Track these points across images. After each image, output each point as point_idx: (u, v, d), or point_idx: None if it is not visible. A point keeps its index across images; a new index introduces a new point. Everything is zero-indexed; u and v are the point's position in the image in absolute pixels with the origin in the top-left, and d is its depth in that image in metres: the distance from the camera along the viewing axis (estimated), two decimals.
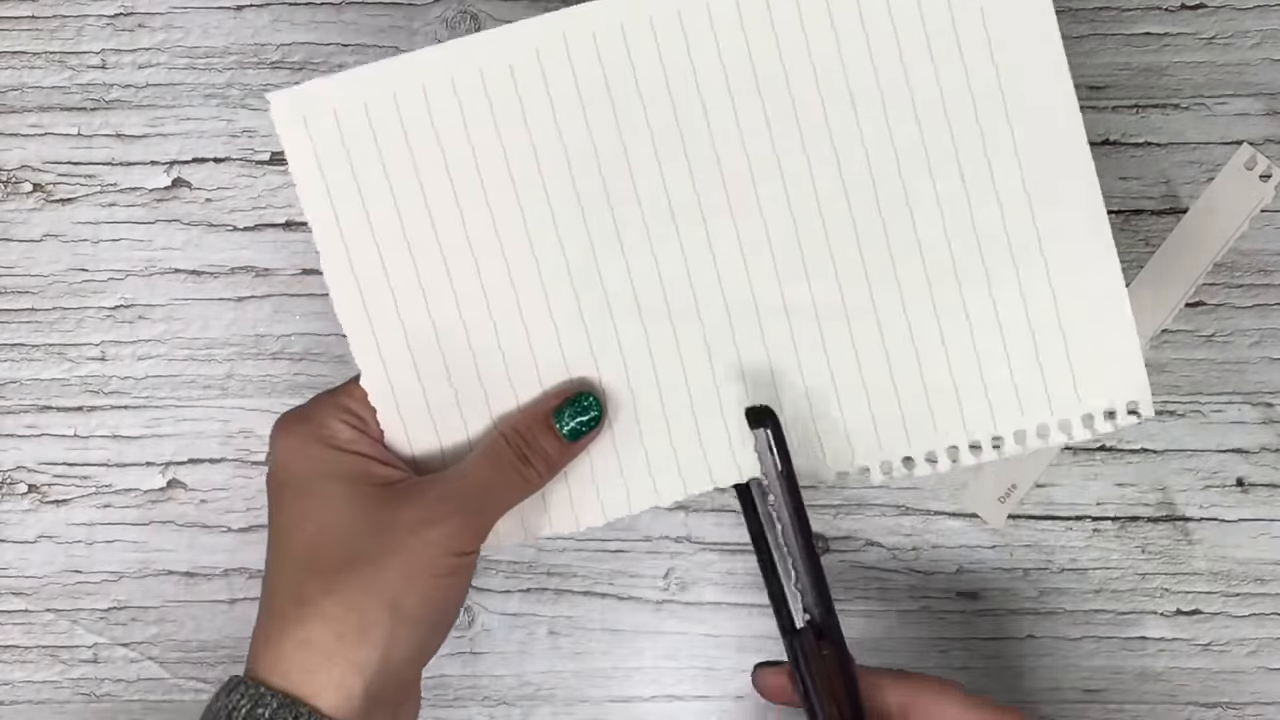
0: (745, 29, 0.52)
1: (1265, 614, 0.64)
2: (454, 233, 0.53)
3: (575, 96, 0.52)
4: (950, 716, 0.52)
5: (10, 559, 0.65)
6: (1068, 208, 0.53)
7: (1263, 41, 0.64)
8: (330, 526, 0.50)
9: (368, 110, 0.52)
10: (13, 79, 0.65)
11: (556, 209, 0.53)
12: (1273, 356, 0.64)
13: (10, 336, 0.65)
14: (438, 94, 0.52)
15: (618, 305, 0.53)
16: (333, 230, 0.52)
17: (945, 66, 0.52)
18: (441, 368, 0.53)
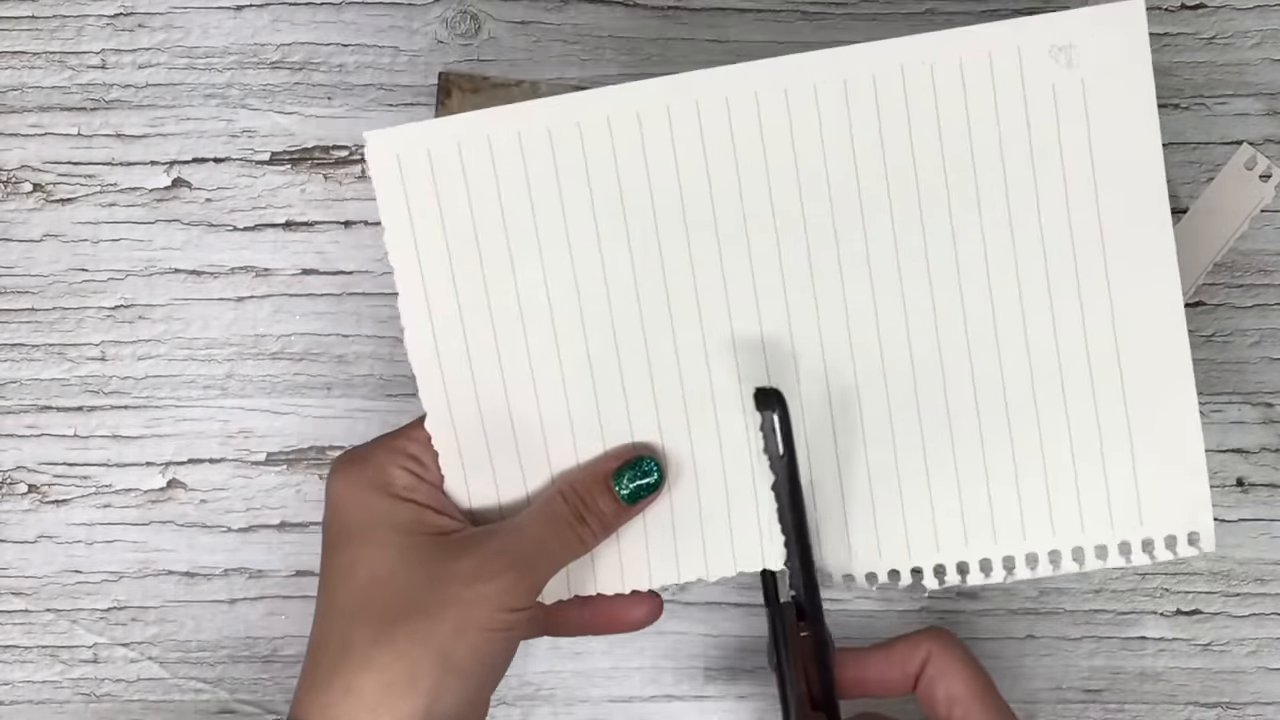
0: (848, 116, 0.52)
1: (1265, 614, 0.64)
2: (533, 286, 0.53)
3: (670, 161, 0.52)
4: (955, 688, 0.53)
5: (10, 559, 0.65)
6: (1152, 338, 0.53)
7: (1263, 41, 0.64)
8: (382, 575, 0.51)
9: (461, 155, 0.52)
10: (13, 79, 0.65)
11: (635, 274, 0.53)
12: (1273, 356, 0.64)
13: (10, 336, 0.65)
14: (531, 144, 0.52)
15: (687, 379, 0.54)
16: (414, 271, 0.52)
17: (1045, 179, 0.52)
18: (506, 418, 0.53)
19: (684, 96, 0.52)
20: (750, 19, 0.64)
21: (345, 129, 0.65)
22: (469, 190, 0.52)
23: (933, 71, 0.52)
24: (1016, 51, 0.51)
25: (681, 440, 0.54)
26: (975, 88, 0.52)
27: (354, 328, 0.65)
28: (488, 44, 0.65)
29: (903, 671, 0.54)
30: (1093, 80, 0.51)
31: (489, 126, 0.52)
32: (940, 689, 0.53)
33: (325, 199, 0.65)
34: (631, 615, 0.56)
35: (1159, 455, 0.53)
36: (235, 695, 0.65)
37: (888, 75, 0.52)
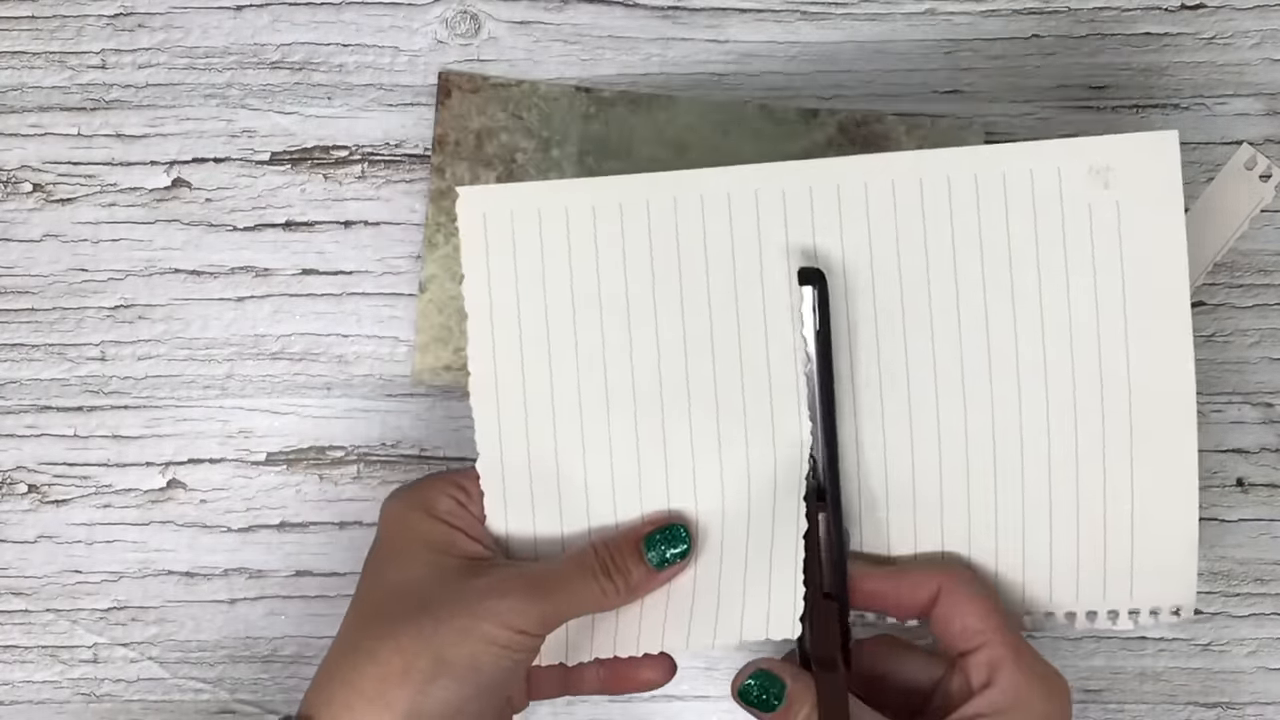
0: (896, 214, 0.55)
1: (1265, 614, 0.64)
2: (592, 350, 0.56)
3: (728, 248, 0.56)
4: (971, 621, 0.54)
5: (10, 559, 0.65)
6: (1164, 435, 0.56)
7: (1263, 41, 0.64)
8: (405, 584, 0.53)
9: (539, 219, 0.55)
10: (13, 79, 0.65)
11: (687, 351, 0.56)
12: (1273, 356, 0.64)
13: (10, 336, 0.65)
14: (604, 218, 0.55)
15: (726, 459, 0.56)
16: (485, 320, 0.56)
17: (1077, 281, 0.55)
18: (553, 471, 0.56)
19: (744, 186, 0.55)
20: (750, 19, 0.64)
21: (345, 129, 0.65)
22: (543, 253, 0.56)
23: (977, 181, 0.55)
24: (1057, 171, 0.55)
25: (714, 512, 0.56)
26: (1016, 199, 0.55)
27: (354, 328, 0.65)
28: (488, 44, 0.65)
29: (912, 598, 0.55)
30: (1127, 201, 0.55)
31: (568, 196, 0.56)
32: (956, 623, 0.54)
33: (325, 199, 0.65)
34: (646, 676, 0.57)
35: (1157, 539, 0.57)
36: (235, 695, 0.65)
37: (934, 182, 0.55)
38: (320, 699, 0.51)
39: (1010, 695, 0.53)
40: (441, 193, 0.64)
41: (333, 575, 0.65)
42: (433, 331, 0.64)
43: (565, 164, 0.64)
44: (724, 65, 0.65)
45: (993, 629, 0.54)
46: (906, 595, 0.55)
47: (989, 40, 0.64)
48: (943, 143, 0.64)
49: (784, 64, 0.64)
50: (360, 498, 0.65)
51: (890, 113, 0.64)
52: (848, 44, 0.64)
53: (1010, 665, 0.53)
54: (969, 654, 0.54)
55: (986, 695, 0.53)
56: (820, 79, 0.64)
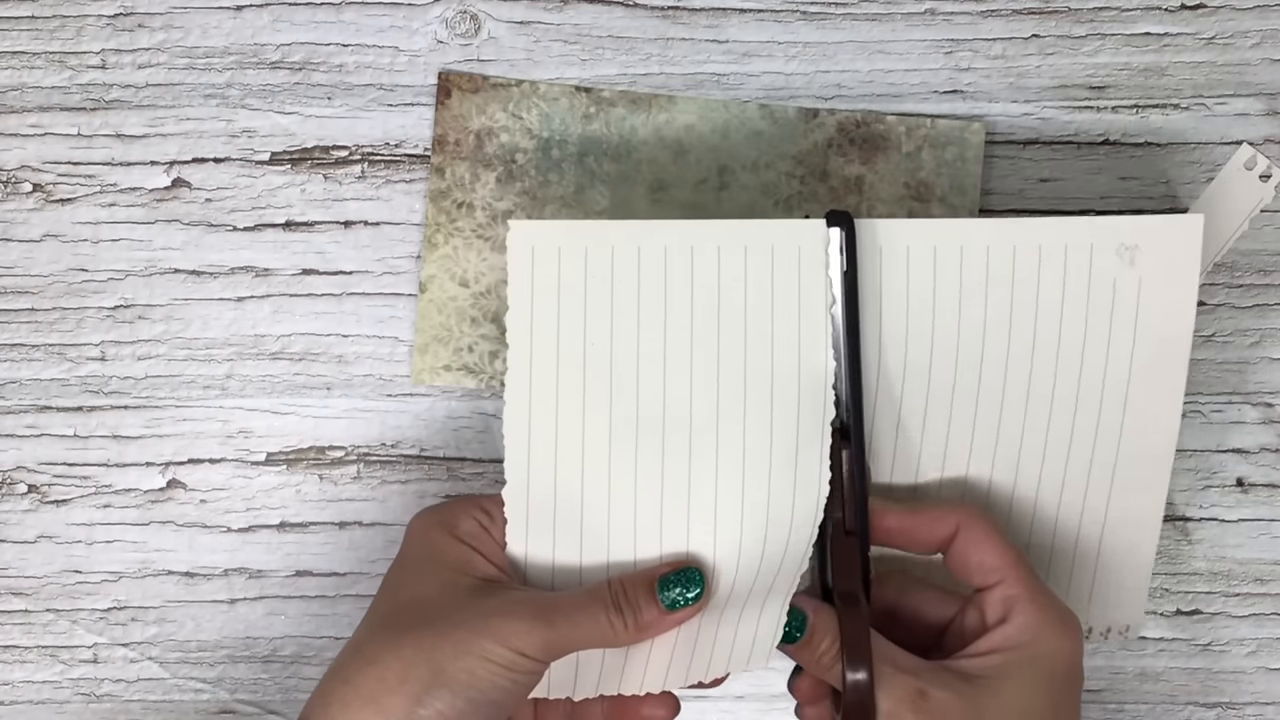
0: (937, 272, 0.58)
1: (1265, 614, 0.64)
2: (626, 387, 0.56)
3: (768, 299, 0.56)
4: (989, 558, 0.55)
5: (10, 559, 0.65)
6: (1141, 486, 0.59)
7: (1263, 41, 0.64)
8: (416, 598, 0.54)
9: (586, 258, 0.56)
10: (13, 79, 0.65)
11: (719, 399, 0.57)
12: (1273, 356, 0.64)
13: (10, 336, 0.65)
14: (649, 259, 0.56)
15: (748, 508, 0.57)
16: (525, 350, 0.56)
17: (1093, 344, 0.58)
18: (578, 502, 0.57)
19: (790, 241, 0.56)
20: (750, 19, 0.64)
21: (345, 129, 0.65)
22: (587, 290, 0.56)
23: (1014, 252, 0.57)
24: (1090, 248, 0.58)
25: (730, 557, 0.57)
26: (1048, 270, 0.58)
27: (354, 328, 0.65)
28: (488, 44, 0.65)
29: (929, 534, 0.56)
30: (1149, 279, 0.58)
31: (615, 236, 0.56)
32: (973, 559, 0.55)
33: (325, 199, 0.65)
34: (650, 713, 0.58)
35: (1117, 570, 0.60)
36: (235, 695, 0.65)
37: (974, 248, 0.58)
38: (321, 699, 0.52)
39: (1025, 631, 0.54)
40: (441, 193, 0.64)
41: (333, 575, 0.65)
42: (432, 331, 0.64)
43: (565, 164, 0.64)
44: (724, 65, 0.65)
45: (1009, 566, 0.55)
46: (924, 531, 0.56)
47: (989, 40, 0.64)
48: (943, 142, 0.64)
49: (784, 64, 0.64)
50: (360, 498, 0.65)
51: (890, 113, 0.64)
52: (848, 44, 0.64)
53: (1025, 602, 0.54)
54: (985, 590, 0.55)
55: (1001, 630, 0.54)
56: (820, 79, 0.64)
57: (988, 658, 0.54)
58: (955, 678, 0.53)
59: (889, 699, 0.52)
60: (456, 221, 0.64)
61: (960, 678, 0.53)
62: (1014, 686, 0.53)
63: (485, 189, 0.64)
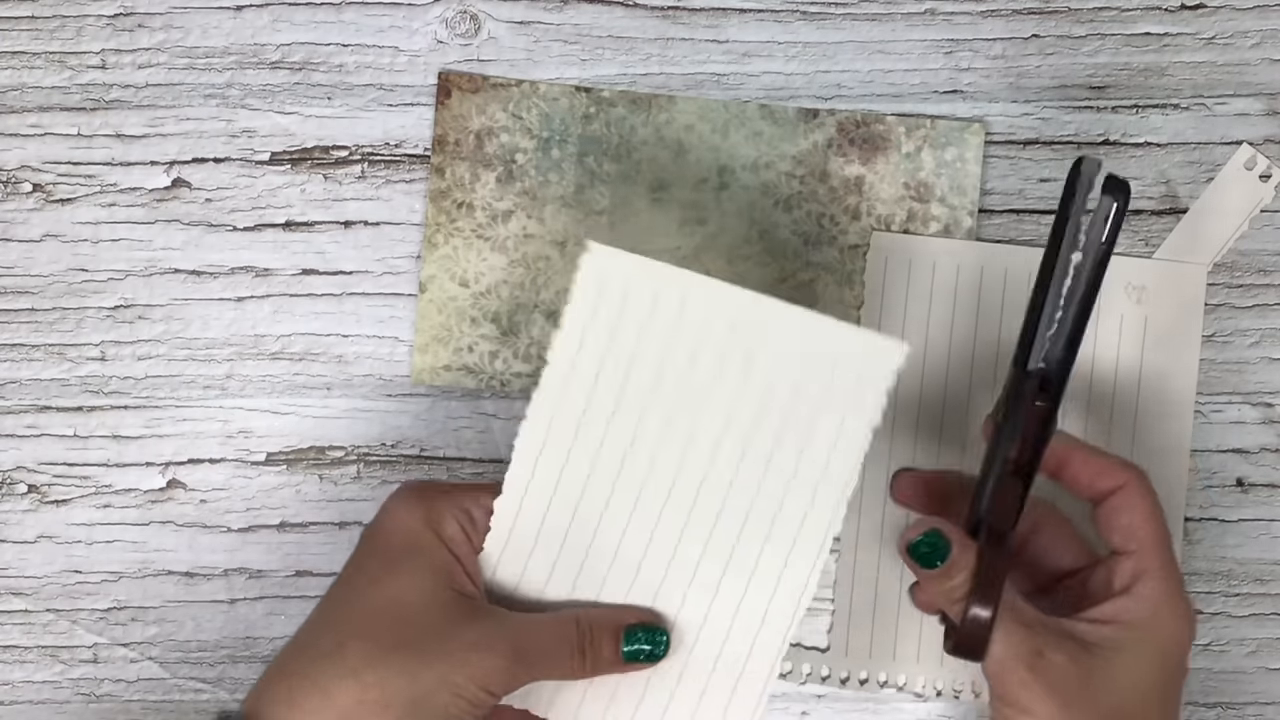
0: None
1: (1265, 614, 0.64)
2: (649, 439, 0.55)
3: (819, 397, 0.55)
4: (1138, 525, 0.55)
5: (10, 559, 0.65)
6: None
7: (1263, 41, 0.64)
8: (399, 608, 0.53)
9: (654, 303, 0.54)
10: (13, 79, 0.65)
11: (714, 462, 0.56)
12: (1273, 356, 0.64)
13: (10, 336, 0.65)
14: (715, 324, 0.54)
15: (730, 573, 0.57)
16: (563, 376, 0.55)
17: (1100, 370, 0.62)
18: (561, 535, 0.57)
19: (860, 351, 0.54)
20: (750, 19, 0.64)
21: (345, 129, 0.65)
22: (641, 334, 0.55)
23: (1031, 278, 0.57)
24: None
25: (696, 614, 0.56)
26: None
27: (354, 328, 0.65)
28: (488, 44, 0.65)
29: (1093, 482, 0.56)
30: (1154, 318, 0.63)
31: (688, 290, 0.54)
32: (1123, 518, 0.55)
33: (325, 199, 0.65)
34: None
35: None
36: (235, 695, 0.65)
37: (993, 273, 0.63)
38: (279, 695, 0.51)
39: (1148, 607, 0.54)
40: (441, 193, 0.64)
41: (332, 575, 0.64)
42: (432, 331, 0.64)
43: (565, 164, 0.64)
44: (724, 65, 0.64)
45: (1152, 538, 0.55)
46: (1094, 476, 0.56)
47: (989, 40, 0.64)
48: (943, 143, 0.64)
49: (784, 64, 0.64)
50: (360, 498, 0.65)
51: (890, 113, 0.64)
52: (848, 44, 0.64)
53: (1155, 579, 0.54)
54: (1121, 555, 0.55)
55: (1124, 600, 0.54)
56: (820, 79, 0.64)
57: (1106, 627, 0.53)
58: (1073, 643, 0.53)
59: (1004, 648, 0.52)
60: (456, 221, 0.64)
61: (1078, 643, 0.53)
62: (1127, 662, 0.53)
63: (485, 189, 0.64)
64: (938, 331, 0.64)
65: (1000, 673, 0.53)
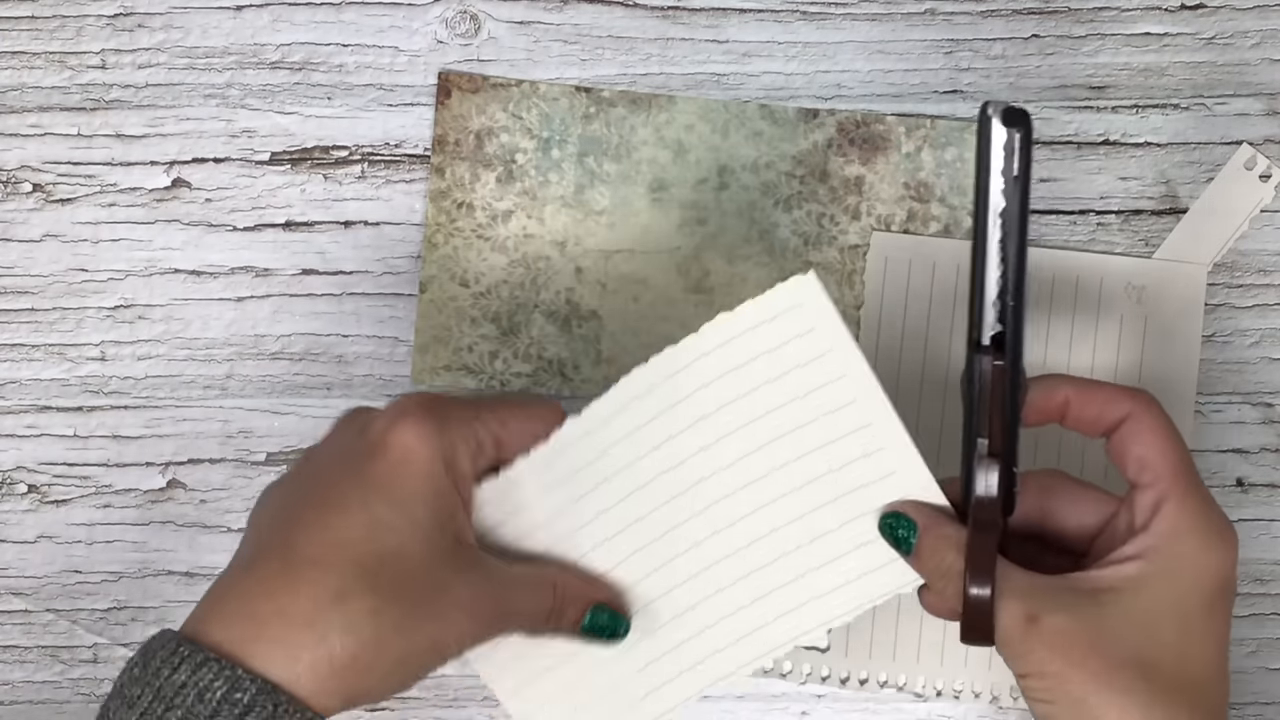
0: None
1: (1265, 614, 0.64)
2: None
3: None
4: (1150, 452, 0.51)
5: (10, 559, 0.65)
6: None
7: (1263, 41, 0.64)
8: (403, 560, 0.51)
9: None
10: (13, 79, 0.65)
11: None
12: (1273, 356, 0.64)
13: (10, 336, 0.65)
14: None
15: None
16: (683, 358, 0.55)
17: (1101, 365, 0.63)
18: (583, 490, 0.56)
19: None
20: (750, 19, 0.64)
21: (345, 129, 0.65)
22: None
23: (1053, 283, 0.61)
24: (1100, 281, 0.63)
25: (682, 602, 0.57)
26: (1060, 299, 0.63)
27: (354, 328, 0.65)
28: (488, 44, 0.65)
29: (1097, 415, 0.53)
30: (1154, 318, 0.63)
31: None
32: (1135, 448, 0.52)
33: (325, 199, 0.65)
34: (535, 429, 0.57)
35: None
36: None
37: None
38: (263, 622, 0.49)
39: (1164, 539, 0.50)
40: (441, 193, 0.64)
41: None
42: (432, 331, 0.64)
43: (565, 164, 0.64)
44: (724, 65, 0.64)
45: (1167, 463, 0.51)
46: (1098, 410, 0.53)
47: (989, 40, 0.64)
48: (943, 143, 0.64)
49: (784, 64, 0.64)
50: None
51: (890, 113, 0.64)
52: (848, 44, 0.64)
53: (1174, 503, 0.51)
54: (1138, 489, 0.52)
55: (1141, 538, 0.51)
56: (820, 79, 0.64)
57: (1122, 567, 0.50)
58: (1075, 597, 0.50)
59: (1003, 620, 0.50)
60: (456, 222, 0.64)
61: (1082, 596, 0.50)
62: (1143, 601, 0.50)
63: (485, 189, 0.64)
64: (938, 332, 0.64)
65: (1005, 646, 0.51)
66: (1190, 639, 0.50)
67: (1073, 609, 0.50)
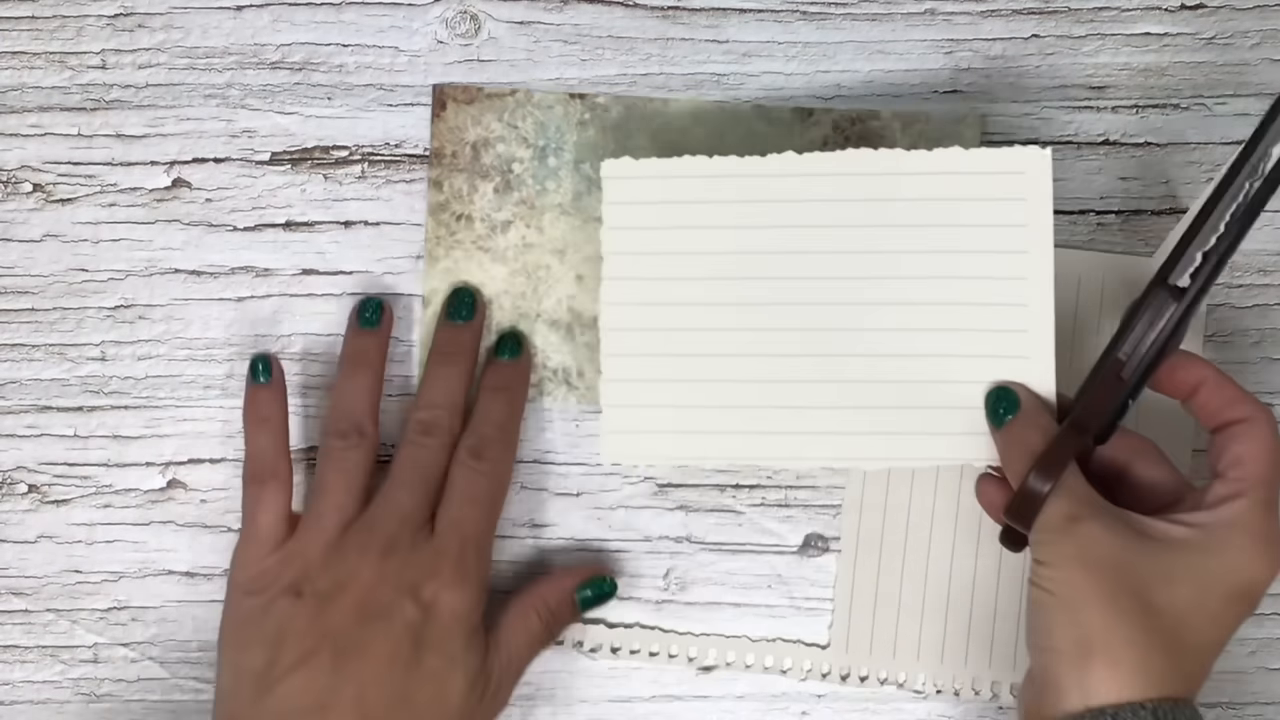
0: None
1: (1265, 614, 0.64)
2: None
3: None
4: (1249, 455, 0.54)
5: (10, 559, 0.65)
6: None
7: (1263, 41, 0.64)
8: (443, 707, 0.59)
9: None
10: (13, 79, 0.65)
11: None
12: (1273, 357, 0.64)
13: (10, 336, 0.65)
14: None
15: None
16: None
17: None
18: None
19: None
20: (750, 19, 0.64)
21: (345, 129, 0.65)
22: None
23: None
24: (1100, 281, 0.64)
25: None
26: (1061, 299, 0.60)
27: None
28: (488, 44, 0.65)
29: (1221, 410, 0.55)
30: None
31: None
32: (1237, 446, 0.54)
33: (325, 199, 0.65)
34: None
35: None
36: None
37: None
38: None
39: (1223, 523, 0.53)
40: (440, 206, 0.64)
41: None
42: None
43: (562, 172, 0.64)
44: (724, 65, 0.65)
45: (1260, 470, 0.54)
46: (1224, 404, 0.55)
47: (989, 40, 0.64)
48: (939, 138, 0.64)
49: (783, 64, 0.64)
50: None
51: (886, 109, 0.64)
52: (847, 44, 0.64)
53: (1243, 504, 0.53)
54: (1218, 481, 0.54)
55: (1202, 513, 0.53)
56: (820, 79, 0.64)
57: (1173, 526, 0.53)
58: (1120, 524, 0.53)
59: (1046, 513, 0.53)
60: (456, 234, 0.64)
61: (1128, 527, 0.53)
62: (1175, 561, 0.52)
63: (483, 200, 0.64)
64: None
65: (1039, 532, 0.54)
66: (1200, 613, 0.52)
67: (1112, 529, 0.53)
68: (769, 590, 0.64)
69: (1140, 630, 0.51)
